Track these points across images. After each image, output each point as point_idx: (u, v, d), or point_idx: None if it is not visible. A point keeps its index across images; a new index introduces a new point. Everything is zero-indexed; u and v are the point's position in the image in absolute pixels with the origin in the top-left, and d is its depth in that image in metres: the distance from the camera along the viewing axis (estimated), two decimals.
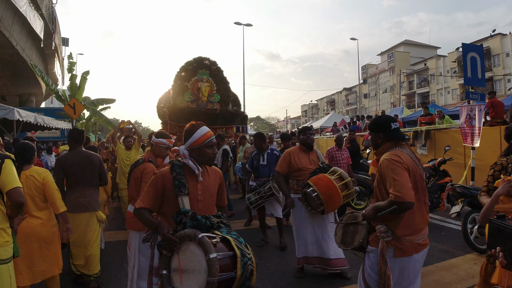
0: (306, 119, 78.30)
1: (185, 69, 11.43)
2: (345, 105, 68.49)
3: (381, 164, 2.68)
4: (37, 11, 15.20)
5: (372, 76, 60.90)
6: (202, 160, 2.63)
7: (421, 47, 58.39)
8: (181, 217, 2.38)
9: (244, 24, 30.60)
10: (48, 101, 35.40)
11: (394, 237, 2.65)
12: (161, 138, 4.00)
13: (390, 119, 2.93)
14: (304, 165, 4.74)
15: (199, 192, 2.59)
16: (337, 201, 4.30)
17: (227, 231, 2.40)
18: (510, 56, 38.89)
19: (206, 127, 2.70)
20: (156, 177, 2.60)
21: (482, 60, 8.05)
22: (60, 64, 24.81)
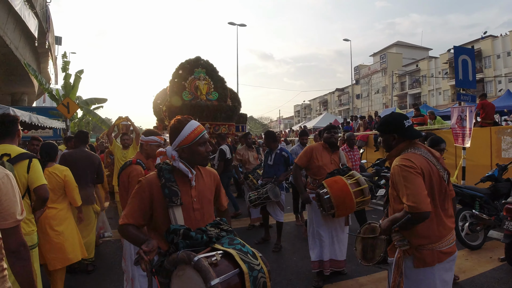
0: (299, 119, 78.64)
1: (183, 67, 11.40)
2: (337, 105, 68.84)
3: (393, 171, 2.46)
4: (31, 10, 15.16)
5: (364, 77, 61.24)
6: (195, 160, 2.26)
7: (413, 48, 58.89)
8: (172, 237, 2.01)
9: (238, 24, 30.67)
10: (40, 100, 35.21)
11: (412, 246, 2.43)
12: (150, 135, 3.75)
13: (402, 117, 2.69)
14: (324, 163, 4.55)
15: (195, 200, 2.24)
16: (349, 207, 4.07)
17: (229, 241, 2.03)
18: (501, 57, 39.36)
19: (195, 121, 2.30)
20: (142, 185, 2.19)
21: (473, 63, 8.21)
22: (53, 63, 24.71)
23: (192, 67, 11.40)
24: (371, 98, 59.24)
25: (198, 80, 11.25)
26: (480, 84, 40.63)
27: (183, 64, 11.47)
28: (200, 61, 11.64)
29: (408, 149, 2.55)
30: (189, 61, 11.57)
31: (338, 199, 3.97)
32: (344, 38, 41.90)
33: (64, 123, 13.12)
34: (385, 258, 2.66)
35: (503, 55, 38.95)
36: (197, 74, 11.38)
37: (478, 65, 41.35)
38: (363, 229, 3.00)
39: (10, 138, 3.11)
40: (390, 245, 2.59)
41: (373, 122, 15.20)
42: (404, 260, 2.46)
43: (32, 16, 15.31)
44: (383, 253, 2.66)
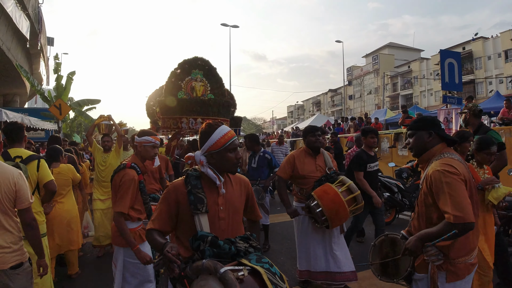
0: (292, 120, 78.81)
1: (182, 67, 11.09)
2: (330, 106, 69.11)
3: (433, 176, 2.23)
4: (23, 12, 15.16)
5: (357, 78, 61.58)
6: (224, 167, 2.17)
7: (405, 49, 59.32)
8: (199, 243, 1.94)
9: (231, 26, 30.70)
10: (32, 101, 35.08)
11: (447, 260, 2.28)
12: (144, 136, 3.46)
13: (438, 120, 2.53)
14: (309, 172, 4.20)
15: (221, 208, 2.14)
16: (343, 217, 3.84)
17: (257, 258, 1.94)
18: (491, 59, 39.69)
19: (226, 126, 2.26)
20: (168, 190, 2.17)
21: (459, 66, 8.42)
22: (45, 64, 24.66)
23: (190, 67, 11.07)
24: (364, 99, 59.59)
25: (195, 81, 11.00)
26: (471, 85, 41.07)
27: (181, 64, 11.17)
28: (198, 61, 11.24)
29: (443, 153, 2.35)
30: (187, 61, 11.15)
31: (331, 211, 3.73)
32: (336, 40, 42.17)
33: (56, 125, 13.17)
34: (410, 274, 2.46)
35: (494, 57, 39.31)
36: (194, 75, 11.06)
37: (469, 66, 41.79)
38: (379, 241, 2.77)
39: (19, 143, 3.66)
40: (420, 260, 2.39)
41: (363, 124, 15.39)
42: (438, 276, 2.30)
43: (24, 18, 15.31)
44: (410, 267, 2.43)
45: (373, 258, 2.76)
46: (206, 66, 11.33)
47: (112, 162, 5.79)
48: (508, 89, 36.65)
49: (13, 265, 2.64)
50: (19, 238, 2.72)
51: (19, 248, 2.70)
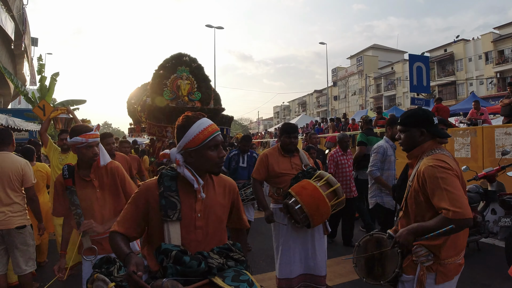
0: (279, 120, 79.28)
1: (164, 67, 10.85)
2: (316, 106, 69.73)
3: (425, 173, 2.14)
4: (8, 13, 15.27)
5: (341, 79, 62.29)
6: (204, 167, 1.86)
7: (389, 51, 60.16)
8: (162, 258, 1.66)
9: (215, 27, 31.00)
10: (15, 101, 34.89)
11: (437, 261, 2.18)
12: (74, 136, 2.87)
13: (431, 113, 2.41)
14: (284, 169, 3.96)
15: (198, 215, 1.84)
16: (324, 213, 3.56)
17: (234, 276, 1.68)
18: (472, 60, 40.37)
19: (207, 118, 1.90)
20: (139, 192, 1.87)
21: (427, 69, 8.86)
22: (29, 65, 24.66)
23: (174, 64, 10.70)
24: (348, 100, 60.32)
25: (180, 79, 10.66)
26: (452, 86, 41.95)
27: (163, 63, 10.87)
28: (183, 57, 10.90)
29: (433, 150, 2.28)
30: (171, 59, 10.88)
31: (311, 207, 3.45)
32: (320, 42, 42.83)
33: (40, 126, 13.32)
34: (397, 276, 2.33)
35: (475, 58, 40.02)
36: (179, 73, 10.71)
37: (451, 68, 42.64)
38: (364, 241, 2.63)
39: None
40: (408, 261, 2.29)
41: (340, 124, 15.87)
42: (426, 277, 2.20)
43: (9, 19, 15.41)
44: (397, 268, 2.30)
45: (358, 260, 2.60)
46: (193, 64, 11.07)
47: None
48: (488, 90, 37.47)
49: (17, 226, 3.75)
50: (23, 208, 3.86)
51: (23, 215, 3.84)
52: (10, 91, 24.39)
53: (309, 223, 3.56)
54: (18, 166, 3.82)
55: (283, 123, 4.35)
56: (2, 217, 3.68)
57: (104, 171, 3.00)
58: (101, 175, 2.98)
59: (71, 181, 2.90)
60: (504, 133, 7.89)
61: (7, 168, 3.77)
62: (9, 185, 3.75)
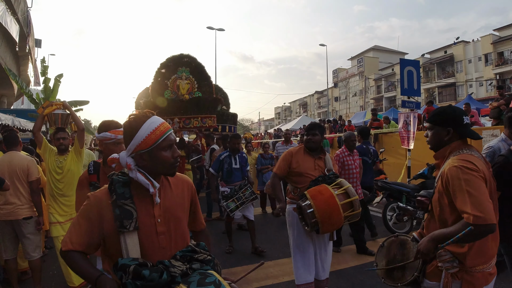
0: (280, 121, 79.53)
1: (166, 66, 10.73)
2: (317, 107, 70.04)
3: (449, 173, 2.03)
4: (13, 16, 15.64)
5: (342, 80, 62.60)
6: (158, 169, 1.73)
7: (390, 52, 60.39)
8: (121, 274, 1.55)
9: (217, 29, 31.27)
10: (18, 101, 35.26)
11: (463, 268, 2.05)
12: (103, 131, 2.85)
13: (462, 112, 2.27)
14: (307, 170, 3.85)
15: (158, 221, 1.72)
16: (336, 222, 3.44)
17: (199, 279, 1.58)
18: (472, 62, 40.62)
19: (157, 117, 1.77)
20: (89, 203, 1.71)
21: (418, 73, 9.17)
22: (33, 66, 25.04)
23: (175, 65, 10.65)
24: (349, 101, 60.60)
25: (180, 79, 10.62)
26: (452, 88, 42.17)
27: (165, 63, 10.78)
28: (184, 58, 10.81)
29: (462, 149, 2.16)
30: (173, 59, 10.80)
31: (323, 214, 3.35)
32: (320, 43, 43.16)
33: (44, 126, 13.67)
34: (417, 279, 2.26)
35: (474, 60, 40.26)
36: (179, 73, 10.65)
37: (450, 69, 42.90)
38: (388, 242, 2.57)
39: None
40: (432, 266, 2.18)
41: (337, 126, 16.20)
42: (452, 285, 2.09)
43: (14, 22, 15.76)
44: (417, 272, 2.23)
45: (380, 259, 2.56)
46: (193, 64, 10.91)
47: (72, 168, 4.41)
48: (488, 92, 37.68)
49: (24, 216, 4.21)
50: (29, 200, 4.29)
51: (30, 207, 4.29)
52: (14, 92, 24.75)
53: (318, 229, 3.46)
54: (24, 163, 4.29)
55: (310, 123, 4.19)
56: (11, 208, 4.17)
57: None
58: None
59: (95, 177, 2.89)
60: (491, 135, 8.22)
61: (15, 165, 4.26)
62: (17, 180, 4.23)
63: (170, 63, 10.65)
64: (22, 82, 19.47)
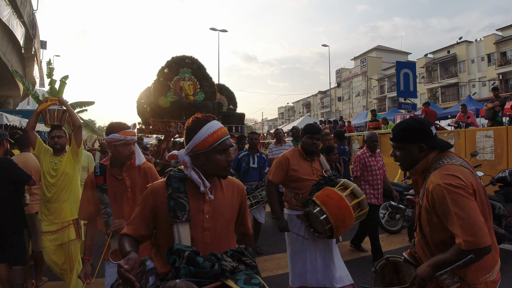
0: (283, 121, 79.80)
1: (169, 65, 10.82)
2: (320, 107, 70.25)
3: (435, 193, 1.88)
4: (19, 19, 15.95)
5: (345, 80, 62.73)
6: (212, 171, 1.86)
7: (393, 52, 60.35)
8: (174, 258, 1.63)
9: (220, 30, 31.55)
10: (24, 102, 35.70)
11: (464, 283, 1.94)
12: (111, 133, 2.80)
13: (428, 122, 2.13)
14: (305, 174, 3.69)
15: (206, 217, 1.83)
16: (349, 224, 3.35)
17: (246, 278, 1.63)
18: (475, 62, 40.68)
19: (217, 121, 1.90)
20: (146, 193, 1.90)
21: (414, 75, 9.38)
22: (38, 67, 25.42)
23: (177, 66, 10.69)
24: (352, 101, 60.73)
25: (183, 80, 10.65)
26: (455, 88, 42.26)
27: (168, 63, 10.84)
28: (185, 60, 10.92)
29: (442, 159, 1.99)
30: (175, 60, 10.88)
31: (337, 219, 3.23)
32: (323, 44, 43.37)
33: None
34: None
35: (477, 60, 40.34)
36: (182, 74, 10.71)
37: (453, 69, 42.95)
38: (380, 266, 2.44)
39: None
40: (432, 284, 2.03)
41: (337, 126, 16.40)
42: None
43: (20, 25, 16.07)
44: None
45: (375, 284, 2.44)
46: (195, 65, 11.05)
47: (67, 170, 4.01)
48: (490, 92, 37.65)
49: (36, 211, 4.32)
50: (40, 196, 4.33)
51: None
52: (20, 93, 25.12)
53: (332, 235, 3.36)
54: (37, 164, 4.48)
55: (306, 124, 4.04)
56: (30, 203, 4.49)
57: (137, 171, 2.91)
58: (134, 175, 2.89)
59: (102, 179, 2.80)
60: (484, 136, 8.42)
61: (30, 165, 4.52)
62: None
63: (173, 64, 10.74)
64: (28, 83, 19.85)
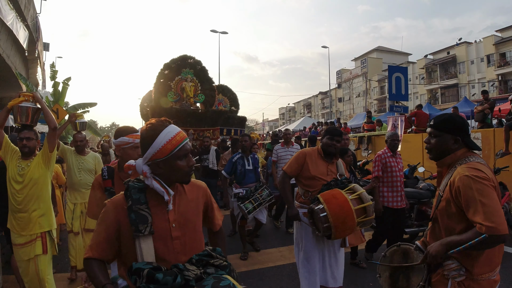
0: (284, 122, 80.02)
1: (169, 67, 10.66)
2: (321, 108, 70.32)
3: (461, 183, 1.98)
4: (23, 23, 16.30)
5: (346, 81, 62.91)
6: (174, 177, 1.80)
7: (393, 53, 60.56)
8: (135, 278, 1.58)
9: (220, 32, 31.85)
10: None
11: (469, 276, 2.03)
12: (120, 136, 2.87)
13: (466, 121, 2.27)
14: (320, 173, 3.77)
15: (173, 226, 1.77)
16: (349, 227, 3.37)
17: (214, 283, 1.58)
18: (474, 63, 40.73)
19: (174, 125, 1.84)
20: (107, 209, 1.78)
21: (406, 79, 9.69)
22: (41, 69, 25.80)
23: (179, 67, 10.58)
24: (353, 102, 60.95)
25: (185, 81, 10.55)
26: (454, 89, 42.44)
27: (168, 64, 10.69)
28: (187, 60, 10.79)
29: (467, 157, 2.12)
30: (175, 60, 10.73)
31: (337, 218, 3.26)
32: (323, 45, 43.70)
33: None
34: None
35: (477, 61, 40.38)
36: (184, 75, 10.57)
37: (453, 70, 43.09)
38: (390, 252, 2.54)
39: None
40: (438, 275, 2.15)
41: None
42: None
43: (23, 28, 16.42)
44: (422, 281, 2.18)
45: (382, 270, 2.51)
46: (198, 66, 10.99)
47: (36, 176, 3.57)
48: (490, 93, 37.75)
49: None
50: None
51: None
52: None
53: (330, 235, 3.36)
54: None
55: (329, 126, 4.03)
56: None
57: None
58: None
59: (110, 182, 2.81)
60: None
61: None
62: None
63: (173, 65, 10.69)
64: (32, 85, 20.26)
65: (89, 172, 5.03)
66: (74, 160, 4.94)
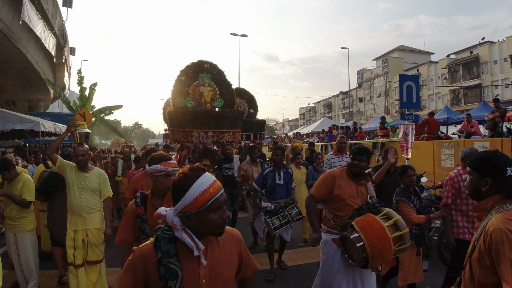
0: (304, 122, 79.92)
1: (185, 73, 10.54)
2: (341, 108, 69.91)
3: (494, 235, 1.81)
4: (50, 31, 17.09)
5: (367, 81, 62.55)
6: (205, 230, 1.71)
7: (415, 52, 59.87)
8: None
9: (240, 35, 32.46)
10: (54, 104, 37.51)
11: None
12: (153, 164, 2.92)
13: (507, 161, 1.98)
14: (350, 196, 3.57)
15: (203, 281, 1.69)
16: (386, 257, 3.21)
17: None
18: (498, 63, 40.11)
19: (208, 174, 1.73)
20: (134, 258, 1.70)
21: (417, 87, 9.89)
22: (68, 73, 26.82)
23: (196, 71, 10.47)
24: (374, 102, 60.55)
25: (202, 86, 10.41)
26: (477, 89, 41.75)
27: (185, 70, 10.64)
28: (204, 64, 10.73)
29: (505, 204, 1.91)
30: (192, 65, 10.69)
31: (375, 249, 3.07)
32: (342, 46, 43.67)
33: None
34: None
35: (500, 61, 39.74)
36: (202, 80, 10.46)
37: (476, 70, 42.44)
38: None
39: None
40: None
41: (349, 132, 16.84)
42: None
43: (51, 36, 17.25)
44: None
45: None
46: (215, 70, 10.82)
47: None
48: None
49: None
50: None
51: None
52: (50, 96, 26.62)
53: (366, 265, 3.19)
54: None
55: (355, 145, 3.89)
56: None
57: None
58: None
59: (143, 208, 2.81)
60: (481, 147, 8.92)
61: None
62: None
63: (190, 70, 10.53)
64: (59, 90, 21.25)
65: (92, 192, 4.36)
66: (74, 177, 4.31)
